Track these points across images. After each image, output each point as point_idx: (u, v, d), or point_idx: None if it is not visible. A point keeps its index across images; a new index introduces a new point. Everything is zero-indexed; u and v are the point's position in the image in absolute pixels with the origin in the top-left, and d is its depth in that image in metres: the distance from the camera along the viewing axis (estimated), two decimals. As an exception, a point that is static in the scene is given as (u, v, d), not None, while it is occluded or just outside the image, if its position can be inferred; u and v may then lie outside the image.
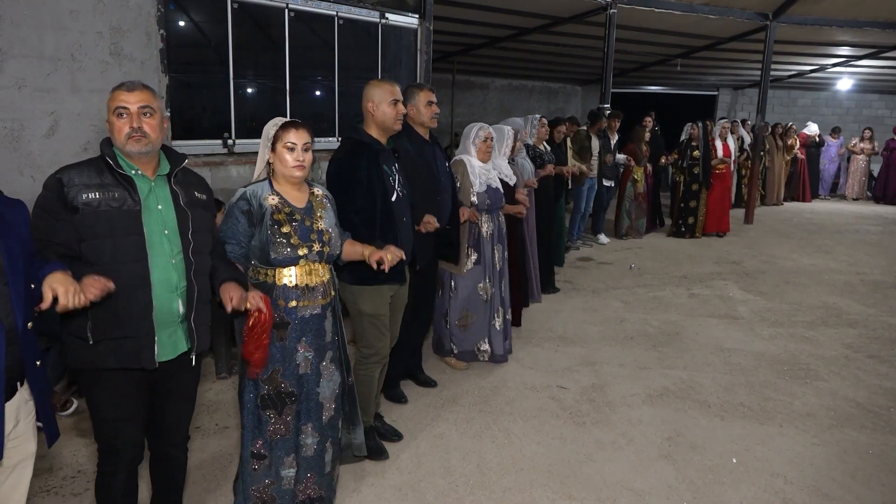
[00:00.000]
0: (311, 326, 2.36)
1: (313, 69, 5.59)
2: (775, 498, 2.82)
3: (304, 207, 2.37)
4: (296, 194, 2.39)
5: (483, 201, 3.92)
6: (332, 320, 2.45)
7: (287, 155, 2.31)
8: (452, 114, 13.22)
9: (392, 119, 2.86)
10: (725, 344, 4.68)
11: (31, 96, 3.87)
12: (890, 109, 14.78)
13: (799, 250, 8.05)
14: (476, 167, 3.94)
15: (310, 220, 2.35)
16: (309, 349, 2.36)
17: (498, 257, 4.10)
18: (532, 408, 3.61)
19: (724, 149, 8.60)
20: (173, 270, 2.02)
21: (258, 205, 2.30)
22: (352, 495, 2.77)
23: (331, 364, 2.45)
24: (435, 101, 3.41)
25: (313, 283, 2.35)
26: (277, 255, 2.27)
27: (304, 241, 2.30)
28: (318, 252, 2.33)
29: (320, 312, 2.38)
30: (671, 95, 15.57)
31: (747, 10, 8.80)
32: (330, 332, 2.44)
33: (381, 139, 2.88)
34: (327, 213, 2.43)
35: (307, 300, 2.34)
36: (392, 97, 2.84)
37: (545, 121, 5.88)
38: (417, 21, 6.23)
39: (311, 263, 2.33)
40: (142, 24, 4.29)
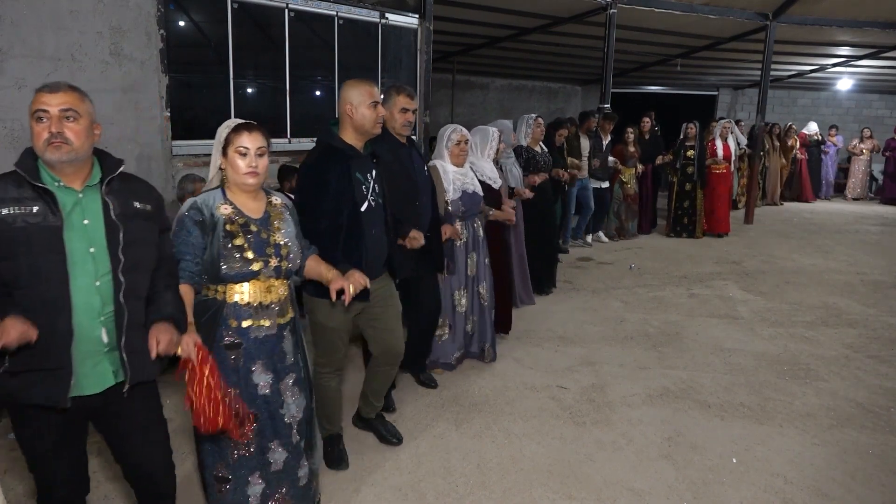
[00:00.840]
0: (266, 348, 2.18)
1: (313, 69, 5.60)
2: (775, 498, 2.82)
3: (260, 218, 2.19)
4: (251, 203, 2.20)
5: (457, 208, 3.72)
6: (292, 341, 2.28)
7: (239, 161, 2.11)
8: (452, 114, 13.22)
9: (371, 122, 2.67)
10: (725, 344, 4.68)
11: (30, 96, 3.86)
12: (890, 109, 14.78)
13: (799, 250, 8.05)
14: (450, 172, 3.73)
15: (266, 231, 2.17)
16: (266, 371, 2.19)
17: (472, 265, 3.93)
18: (532, 408, 3.61)
19: (724, 149, 8.58)
20: (96, 293, 1.79)
21: (210, 214, 2.11)
22: (352, 495, 2.77)
23: (293, 387, 2.29)
24: (411, 109, 3.23)
25: (268, 301, 2.16)
26: (229, 270, 2.08)
27: (259, 255, 2.12)
28: (274, 267, 2.15)
29: (276, 333, 2.19)
30: (671, 95, 15.57)
31: (747, 10, 8.80)
32: (290, 355, 2.27)
33: (357, 144, 2.70)
34: (286, 225, 2.25)
35: (261, 319, 2.15)
36: (371, 99, 2.66)
37: (541, 121, 5.66)
38: (417, 21, 6.23)
39: (267, 279, 2.15)
40: (142, 24, 4.29)
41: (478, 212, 3.94)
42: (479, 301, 4.04)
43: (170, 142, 4.55)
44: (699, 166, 8.22)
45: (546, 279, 5.79)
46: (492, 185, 4.23)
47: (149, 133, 4.42)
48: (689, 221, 8.49)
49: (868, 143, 12.92)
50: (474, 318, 4.05)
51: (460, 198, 3.74)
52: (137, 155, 4.36)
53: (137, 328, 1.87)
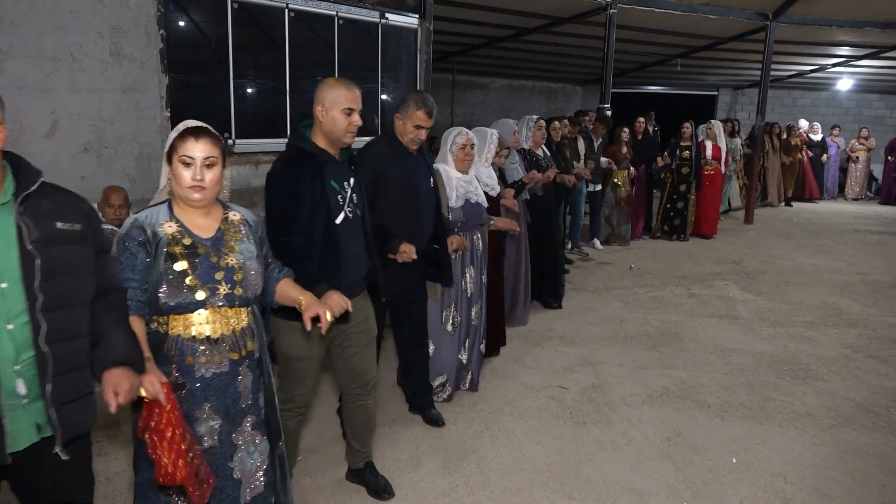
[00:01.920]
0: (216, 388, 1.87)
1: (313, 69, 5.59)
2: (775, 498, 2.82)
3: (210, 238, 1.88)
4: (201, 221, 1.90)
5: (457, 217, 3.44)
6: (250, 378, 1.96)
7: (183, 172, 1.82)
8: (452, 114, 13.22)
9: (342, 131, 2.38)
10: (725, 344, 4.68)
11: (31, 96, 3.87)
12: (890, 109, 14.78)
13: (799, 250, 8.05)
14: (454, 178, 3.48)
15: (217, 254, 1.86)
16: (214, 417, 1.87)
17: (469, 281, 3.59)
18: (532, 408, 3.61)
19: (713, 149, 8.47)
20: (8, 339, 1.50)
21: (152, 233, 1.82)
22: (352, 496, 2.77)
23: (253, 432, 1.97)
24: (426, 128, 3.01)
25: (218, 335, 1.85)
26: (169, 299, 1.79)
27: (204, 282, 1.81)
28: (225, 295, 1.85)
29: (228, 370, 1.88)
30: (671, 95, 15.57)
31: (747, 10, 8.79)
32: (248, 394, 1.95)
33: (330, 149, 2.42)
34: (243, 245, 1.93)
35: (209, 356, 1.84)
36: (346, 104, 2.36)
37: (542, 122, 5.38)
38: (417, 21, 6.23)
39: (217, 309, 1.85)
40: (142, 24, 4.29)
41: (479, 223, 3.65)
42: (472, 323, 3.67)
43: (170, 142, 4.54)
44: (696, 167, 8.17)
45: (550, 293, 5.42)
46: (489, 192, 3.94)
47: (149, 133, 4.42)
48: (680, 223, 8.35)
49: (866, 143, 12.90)
50: (468, 345, 3.67)
51: (462, 206, 3.49)
52: (137, 155, 4.36)
53: (70, 373, 1.58)
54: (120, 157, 4.21)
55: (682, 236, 8.37)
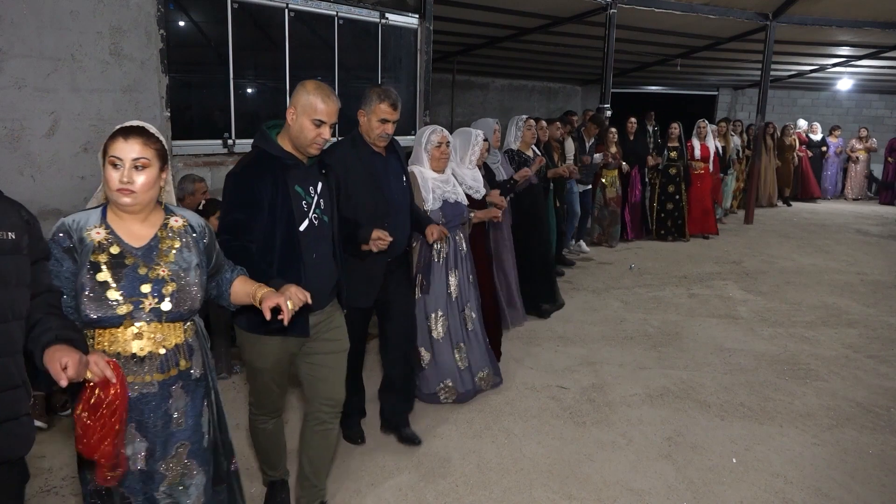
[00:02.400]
0: (143, 409, 1.72)
1: (313, 69, 5.60)
2: (775, 498, 2.82)
3: (142, 247, 1.74)
4: (136, 228, 1.76)
5: (437, 219, 3.24)
6: (185, 400, 1.80)
7: (111, 173, 1.68)
8: (452, 114, 13.22)
9: (307, 141, 2.24)
10: (725, 344, 4.68)
11: (31, 96, 3.88)
12: (890, 109, 14.77)
13: (799, 250, 8.05)
14: (429, 179, 3.30)
15: (146, 265, 1.72)
16: (142, 439, 1.73)
17: (454, 284, 3.45)
18: (532, 408, 3.61)
19: (701, 149, 8.42)
20: None
21: (79, 239, 1.69)
22: (352, 496, 2.77)
23: (186, 460, 1.80)
24: (392, 121, 2.82)
25: (145, 353, 1.71)
26: (90, 312, 1.65)
27: (127, 296, 1.67)
28: (152, 309, 1.70)
29: (157, 391, 1.73)
30: (671, 95, 15.57)
31: (747, 10, 8.80)
32: (182, 418, 1.79)
33: (296, 153, 2.29)
34: (181, 254, 1.79)
35: (134, 375, 1.71)
36: (318, 115, 2.21)
37: (532, 122, 5.22)
38: (417, 21, 6.23)
39: (145, 324, 1.71)
40: (142, 24, 4.29)
41: (460, 223, 3.48)
42: (465, 326, 3.56)
43: (170, 142, 4.55)
44: (684, 167, 8.10)
45: (543, 297, 5.18)
46: (473, 195, 3.78)
47: (149, 133, 4.42)
48: (672, 224, 8.27)
49: (866, 143, 12.89)
50: (463, 347, 3.56)
51: (441, 208, 3.31)
52: (137, 155, 4.36)
53: (7, 390, 1.49)
54: (120, 157, 4.21)
55: (679, 237, 8.28)
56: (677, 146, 8.10)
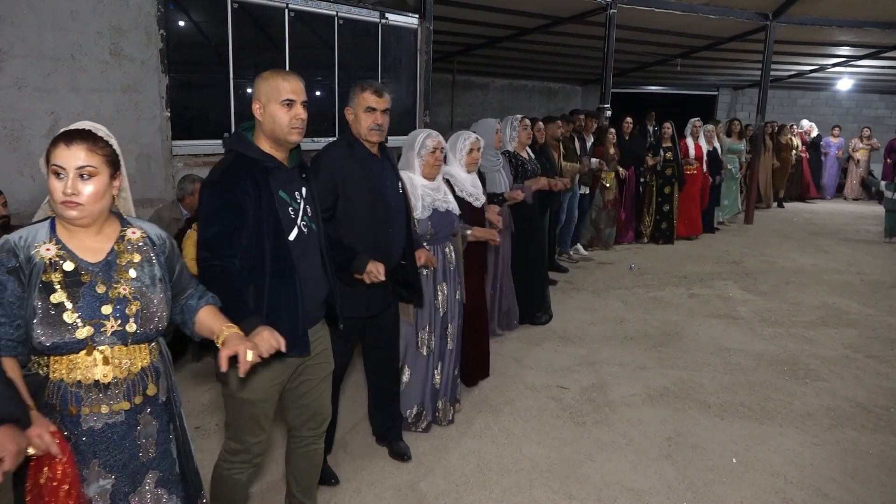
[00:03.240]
0: (109, 442, 1.57)
1: (313, 69, 5.60)
2: (775, 498, 2.82)
3: (98, 262, 1.58)
4: (89, 242, 1.59)
5: (425, 230, 3.07)
6: (155, 426, 1.66)
7: (55, 184, 1.51)
8: (453, 114, 13.22)
9: (284, 128, 2.03)
10: (725, 344, 4.68)
11: (31, 96, 3.88)
12: (890, 109, 14.78)
13: (799, 250, 8.05)
14: (419, 186, 3.08)
15: (106, 282, 1.56)
16: (107, 475, 1.58)
17: (442, 299, 3.22)
18: (532, 408, 3.61)
19: (695, 149, 8.32)
20: None
21: (26, 258, 1.52)
22: (352, 495, 2.77)
23: (157, 490, 1.66)
24: (379, 109, 2.61)
25: (109, 379, 1.55)
26: (45, 339, 1.48)
27: (87, 318, 1.51)
28: (115, 332, 1.55)
29: (124, 420, 1.59)
30: (671, 95, 15.58)
31: (747, 10, 8.80)
32: (151, 446, 1.65)
33: (276, 153, 2.08)
34: (142, 269, 1.63)
35: (98, 404, 1.55)
36: (284, 95, 2.02)
37: (527, 122, 4.95)
38: (417, 21, 6.23)
39: (108, 348, 1.55)
40: (142, 24, 4.30)
41: (450, 234, 3.26)
42: (447, 345, 3.32)
43: (170, 142, 4.56)
44: (678, 167, 8.03)
45: (534, 306, 4.98)
46: (473, 203, 3.57)
47: (149, 133, 4.43)
48: (667, 226, 8.17)
49: (867, 142, 12.88)
50: (441, 368, 3.31)
51: (430, 217, 3.10)
52: (137, 155, 4.37)
53: None
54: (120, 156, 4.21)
55: (669, 240, 8.15)
56: (671, 146, 8.05)
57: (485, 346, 3.94)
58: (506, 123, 4.87)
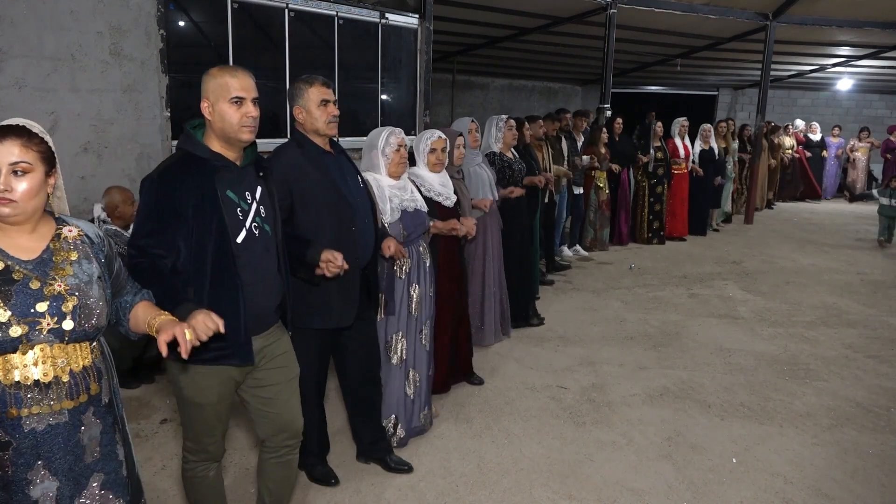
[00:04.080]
0: (52, 443, 1.54)
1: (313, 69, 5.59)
2: (775, 498, 2.82)
3: (33, 260, 1.55)
4: (21, 240, 1.55)
5: (397, 233, 2.90)
6: (98, 427, 1.62)
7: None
8: (452, 114, 13.22)
9: (234, 126, 1.96)
10: (725, 344, 4.68)
11: (31, 96, 3.88)
12: (890, 109, 14.78)
13: (799, 250, 8.05)
14: (385, 187, 2.94)
15: (40, 279, 1.53)
16: (51, 478, 1.54)
17: (416, 301, 3.08)
18: (532, 408, 3.61)
19: (683, 149, 8.29)
20: None
21: None
22: (352, 495, 2.77)
23: (103, 493, 1.63)
24: (332, 101, 2.54)
25: (49, 378, 1.52)
26: None
27: (21, 316, 1.48)
28: (51, 330, 1.51)
29: (68, 420, 1.55)
30: (671, 95, 15.58)
31: (747, 10, 8.80)
32: (95, 448, 1.61)
33: (227, 152, 2.01)
34: (80, 267, 1.59)
35: (39, 405, 1.52)
36: (233, 93, 1.96)
37: (513, 123, 4.84)
38: (417, 21, 6.24)
39: (46, 346, 1.52)
40: (142, 24, 4.30)
41: (423, 232, 3.11)
42: (423, 346, 3.18)
43: (170, 142, 4.56)
44: (667, 167, 8.03)
45: (520, 313, 4.87)
46: (443, 202, 3.37)
47: (149, 133, 4.43)
48: (660, 226, 8.16)
49: (866, 142, 12.87)
50: (415, 376, 3.16)
51: (400, 219, 2.95)
52: (137, 155, 4.37)
53: None
54: (120, 157, 4.21)
55: (662, 240, 8.14)
56: (660, 145, 8.03)
57: (465, 348, 3.86)
58: (490, 123, 4.80)
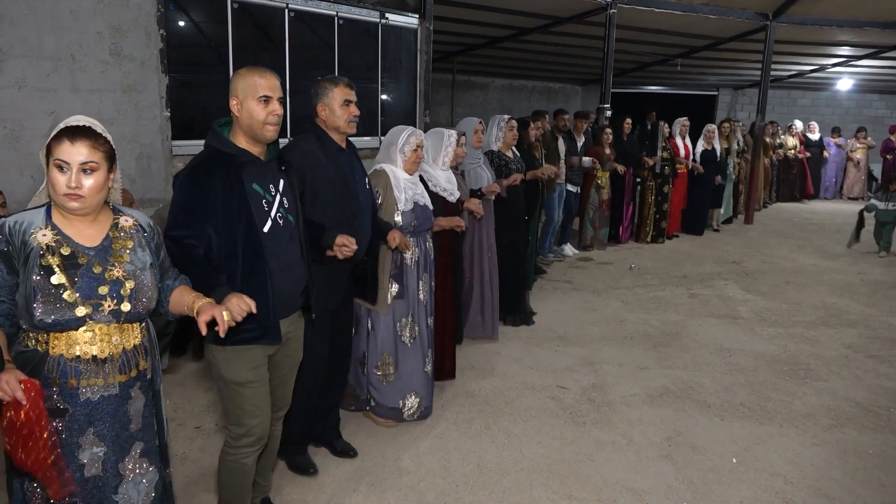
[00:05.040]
0: (103, 413, 1.69)
1: (313, 69, 5.60)
2: (775, 498, 2.82)
3: (95, 247, 1.69)
4: (84, 228, 1.70)
5: (409, 222, 3.13)
6: (142, 401, 1.79)
7: (57, 177, 1.62)
8: (452, 114, 13.22)
9: (261, 123, 2.10)
10: (725, 344, 4.68)
11: (31, 96, 3.88)
12: (890, 109, 14.78)
13: (799, 250, 8.05)
14: (401, 180, 3.15)
15: (101, 265, 1.67)
16: (100, 443, 1.70)
17: (424, 289, 3.31)
18: (532, 408, 3.61)
19: (684, 149, 8.32)
20: None
21: (21, 242, 1.63)
22: (352, 495, 2.77)
23: (141, 459, 1.79)
24: (354, 101, 2.71)
25: (105, 354, 1.68)
26: (46, 316, 1.60)
27: (86, 297, 1.63)
28: (111, 311, 1.67)
29: (118, 393, 1.71)
30: (671, 95, 15.58)
31: (747, 10, 8.80)
32: (139, 418, 1.78)
33: (252, 148, 2.16)
34: (135, 254, 1.75)
35: (95, 378, 1.67)
36: (261, 92, 2.09)
37: (514, 123, 4.96)
38: (417, 21, 6.24)
39: (104, 326, 1.67)
40: (142, 24, 4.30)
41: (430, 227, 3.34)
42: (429, 331, 3.39)
43: (170, 142, 4.56)
44: (673, 166, 8.04)
45: (513, 308, 4.93)
46: (448, 198, 3.59)
47: (149, 133, 4.43)
48: (666, 225, 8.19)
49: (864, 141, 12.85)
50: (430, 355, 3.39)
51: (412, 210, 3.17)
52: (137, 155, 4.37)
53: None
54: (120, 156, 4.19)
55: (662, 238, 8.18)
56: (665, 145, 8.05)
57: (450, 345, 3.89)
58: (492, 123, 4.91)
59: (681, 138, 8.33)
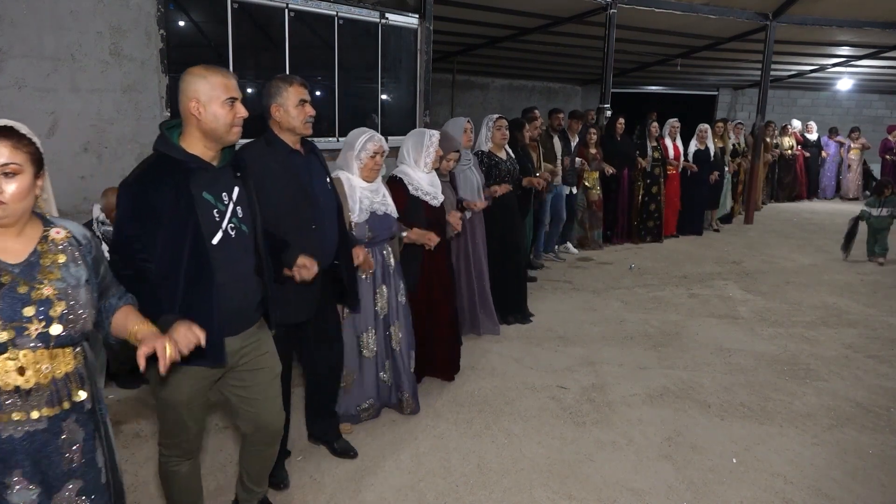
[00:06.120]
0: (29, 450, 1.50)
1: (313, 69, 5.60)
2: (775, 498, 2.82)
3: (20, 263, 1.51)
4: (9, 243, 1.52)
5: (362, 233, 3.01)
6: (81, 434, 1.58)
7: None
8: (452, 114, 13.22)
9: (227, 127, 1.98)
10: (725, 344, 4.68)
11: (31, 96, 3.88)
12: (890, 109, 14.79)
13: (799, 250, 8.05)
14: (357, 188, 3.00)
15: (27, 283, 1.49)
16: (30, 485, 1.50)
17: (382, 301, 3.21)
18: (532, 408, 3.61)
19: (674, 150, 8.29)
20: None
21: None
22: (352, 495, 2.77)
23: (78, 498, 1.59)
24: (309, 100, 2.57)
25: (31, 385, 1.48)
26: None
27: (8, 320, 1.45)
28: (39, 335, 1.49)
29: (46, 428, 1.51)
30: (671, 95, 15.58)
31: (747, 10, 8.80)
32: (77, 455, 1.58)
33: (205, 154, 2.00)
34: (68, 270, 1.56)
35: (19, 411, 1.48)
36: (227, 94, 1.98)
37: (503, 122, 4.80)
38: (417, 21, 6.24)
39: (29, 352, 1.48)
40: (142, 24, 4.30)
41: (389, 237, 3.22)
42: (391, 345, 3.34)
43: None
44: (663, 166, 8.04)
45: (511, 308, 4.95)
46: (430, 202, 3.46)
47: (149, 133, 4.42)
48: (654, 225, 8.17)
49: (858, 142, 12.83)
50: (388, 365, 3.37)
51: (367, 220, 3.03)
52: (138, 155, 4.37)
53: None
54: (120, 157, 4.21)
55: (656, 238, 8.15)
56: (656, 145, 8.03)
57: (453, 343, 3.90)
58: (483, 123, 4.85)
59: (671, 140, 8.30)
